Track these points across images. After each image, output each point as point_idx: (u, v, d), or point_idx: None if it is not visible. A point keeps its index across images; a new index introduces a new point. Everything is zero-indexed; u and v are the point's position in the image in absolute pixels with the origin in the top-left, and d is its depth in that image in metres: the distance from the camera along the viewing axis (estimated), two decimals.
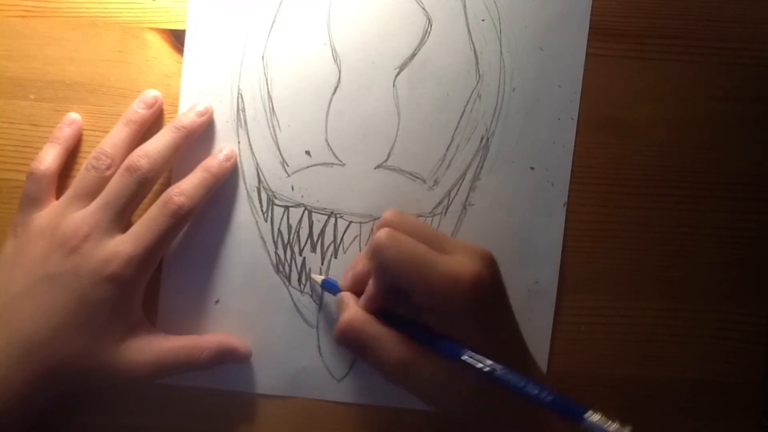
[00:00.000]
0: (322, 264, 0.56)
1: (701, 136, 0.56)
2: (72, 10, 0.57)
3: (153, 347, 0.52)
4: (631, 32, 0.57)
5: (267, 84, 0.56)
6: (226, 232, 0.56)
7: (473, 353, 0.46)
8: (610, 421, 0.42)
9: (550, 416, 0.46)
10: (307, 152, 0.56)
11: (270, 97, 0.56)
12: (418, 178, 0.56)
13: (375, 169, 0.56)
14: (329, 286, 0.54)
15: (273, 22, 0.56)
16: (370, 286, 0.50)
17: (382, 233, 0.47)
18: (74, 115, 0.56)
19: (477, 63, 0.56)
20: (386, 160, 0.56)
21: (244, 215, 0.56)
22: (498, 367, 0.45)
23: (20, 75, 0.57)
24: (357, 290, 0.51)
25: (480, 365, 0.45)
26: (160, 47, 0.57)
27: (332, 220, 0.56)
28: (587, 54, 0.56)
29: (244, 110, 0.56)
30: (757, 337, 0.56)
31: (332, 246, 0.56)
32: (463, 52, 0.56)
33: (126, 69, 0.57)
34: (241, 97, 0.56)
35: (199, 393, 0.56)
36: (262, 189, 0.56)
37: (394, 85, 0.56)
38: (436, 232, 0.51)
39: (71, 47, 0.57)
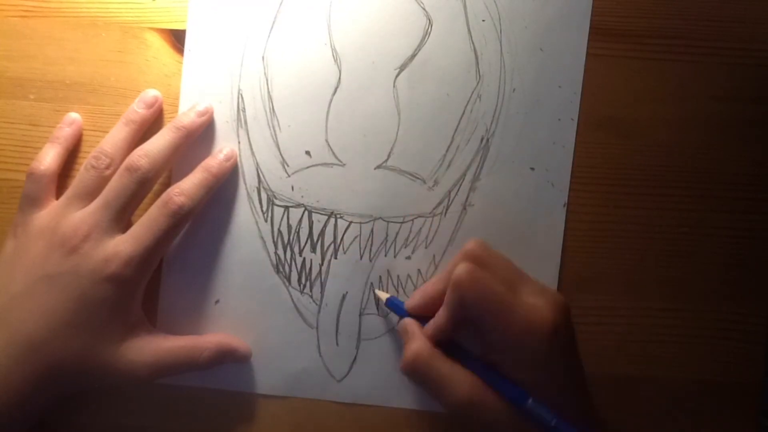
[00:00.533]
0: (322, 264, 0.56)
1: (701, 136, 0.56)
2: (72, 10, 0.57)
3: (153, 347, 0.52)
4: (631, 32, 0.57)
5: (267, 84, 0.56)
6: (226, 232, 0.56)
7: (536, 403, 0.46)
8: None
9: None
10: (307, 152, 0.56)
11: (270, 97, 0.56)
12: (418, 178, 0.56)
13: (375, 169, 0.56)
14: (393, 306, 0.54)
15: (273, 22, 0.56)
16: (440, 317, 0.50)
17: (463, 269, 0.48)
18: (74, 115, 0.56)
19: (477, 63, 0.56)
20: (386, 161, 0.56)
21: (244, 215, 0.56)
22: (561, 423, 0.45)
23: (20, 75, 0.57)
24: (424, 313, 0.52)
25: (544, 418, 0.46)
26: (160, 47, 0.57)
27: (332, 220, 0.56)
28: (587, 54, 0.56)
29: (244, 110, 0.56)
30: (757, 337, 0.56)
31: (332, 246, 0.56)
32: (463, 53, 0.56)
33: (126, 69, 0.57)
34: (242, 97, 0.56)
35: (199, 393, 0.56)
36: (262, 189, 0.56)
37: (394, 86, 0.56)
38: (514, 267, 0.51)
39: (71, 47, 0.57)
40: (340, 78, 0.56)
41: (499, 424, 0.47)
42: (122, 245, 0.50)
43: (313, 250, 0.56)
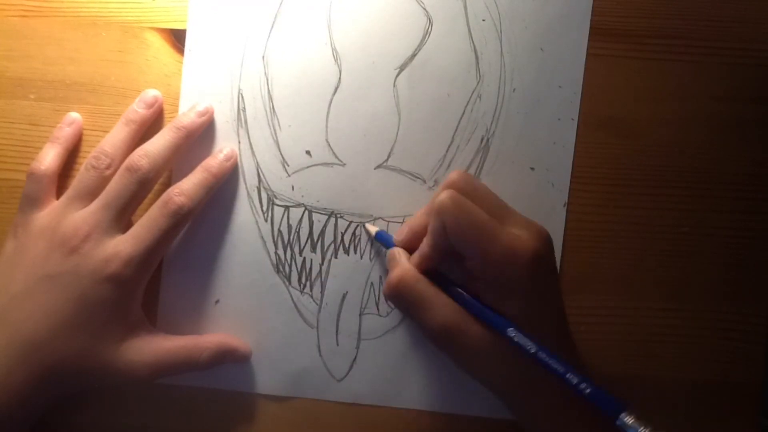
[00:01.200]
0: (322, 264, 0.56)
1: (701, 136, 0.56)
2: (72, 10, 0.57)
3: (153, 347, 0.52)
4: (631, 32, 0.57)
5: (267, 84, 0.56)
6: (226, 232, 0.56)
7: (517, 330, 0.46)
8: (642, 427, 0.42)
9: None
10: (308, 152, 0.56)
11: (270, 97, 0.56)
12: (418, 178, 0.56)
13: (375, 169, 0.56)
14: (382, 239, 0.54)
15: (273, 22, 0.56)
16: (424, 245, 0.50)
17: (446, 195, 0.48)
18: (74, 115, 0.56)
19: (477, 63, 0.56)
20: (386, 160, 0.56)
21: (245, 215, 0.56)
22: (542, 349, 0.46)
23: (20, 75, 0.57)
24: (411, 247, 0.52)
25: (524, 344, 0.46)
26: (160, 47, 0.57)
27: (332, 220, 0.56)
28: (587, 54, 0.56)
29: (244, 110, 0.56)
30: (757, 337, 0.56)
31: (332, 246, 0.56)
32: (463, 53, 0.56)
33: (126, 69, 0.57)
34: (242, 97, 0.56)
35: (199, 393, 0.56)
36: (262, 189, 0.56)
37: (394, 85, 0.56)
38: (499, 200, 0.51)
39: (71, 47, 0.57)
40: (340, 78, 0.56)
41: (478, 348, 0.48)
42: (122, 245, 0.50)
43: (314, 249, 0.56)
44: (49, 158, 0.54)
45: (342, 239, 0.56)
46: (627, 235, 0.56)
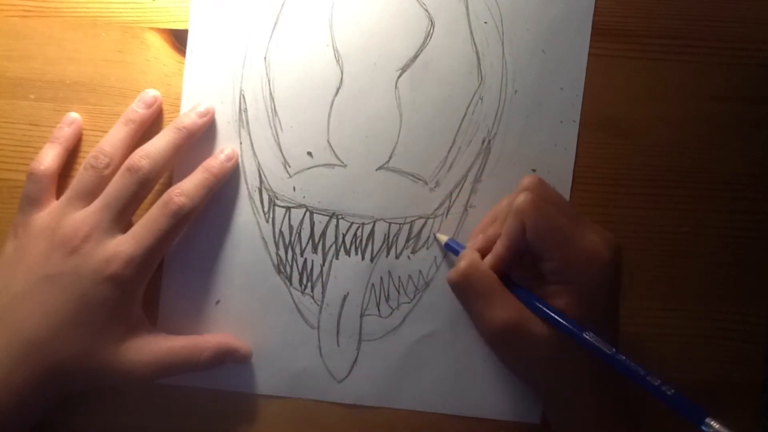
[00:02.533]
0: (323, 265, 0.56)
1: (701, 136, 0.57)
2: (72, 10, 0.57)
3: (153, 347, 0.52)
4: (631, 32, 0.57)
5: (269, 85, 0.56)
6: (227, 232, 0.56)
7: (594, 334, 0.46)
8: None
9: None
10: (309, 153, 0.56)
11: (272, 98, 0.56)
12: (419, 179, 0.56)
13: (377, 170, 0.56)
14: (453, 250, 0.54)
15: (275, 22, 0.56)
16: (499, 246, 0.50)
17: (526, 198, 0.48)
18: (74, 115, 0.56)
19: (479, 65, 0.56)
20: (388, 162, 0.56)
21: (246, 216, 0.56)
22: (620, 352, 0.46)
23: (20, 75, 0.57)
24: (484, 253, 0.51)
25: (602, 347, 0.46)
26: (160, 47, 0.57)
27: (334, 221, 0.56)
28: (588, 55, 0.56)
29: (246, 111, 0.56)
30: (757, 337, 0.56)
31: (333, 247, 0.56)
32: (465, 54, 0.56)
33: (126, 69, 0.57)
34: (243, 98, 0.56)
35: (199, 393, 0.56)
36: (263, 189, 0.56)
37: (396, 87, 0.56)
38: (572, 206, 0.52)
39: (71, 47, 0.57)
40: (342, 79, 0.56)
41: (540, 349, 0.48)
42: (123, 245, 0.50)
43: (315, 250, 0.56)
44: (48, 158, 0.54)
45: (343, 240, 0.56)
46: (627, 235, 0.56)
